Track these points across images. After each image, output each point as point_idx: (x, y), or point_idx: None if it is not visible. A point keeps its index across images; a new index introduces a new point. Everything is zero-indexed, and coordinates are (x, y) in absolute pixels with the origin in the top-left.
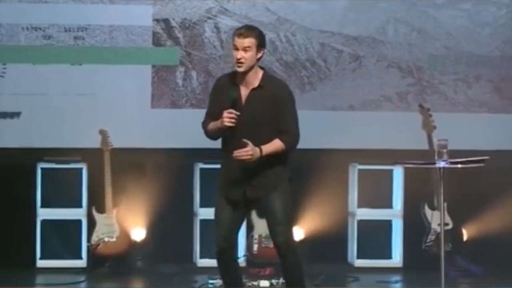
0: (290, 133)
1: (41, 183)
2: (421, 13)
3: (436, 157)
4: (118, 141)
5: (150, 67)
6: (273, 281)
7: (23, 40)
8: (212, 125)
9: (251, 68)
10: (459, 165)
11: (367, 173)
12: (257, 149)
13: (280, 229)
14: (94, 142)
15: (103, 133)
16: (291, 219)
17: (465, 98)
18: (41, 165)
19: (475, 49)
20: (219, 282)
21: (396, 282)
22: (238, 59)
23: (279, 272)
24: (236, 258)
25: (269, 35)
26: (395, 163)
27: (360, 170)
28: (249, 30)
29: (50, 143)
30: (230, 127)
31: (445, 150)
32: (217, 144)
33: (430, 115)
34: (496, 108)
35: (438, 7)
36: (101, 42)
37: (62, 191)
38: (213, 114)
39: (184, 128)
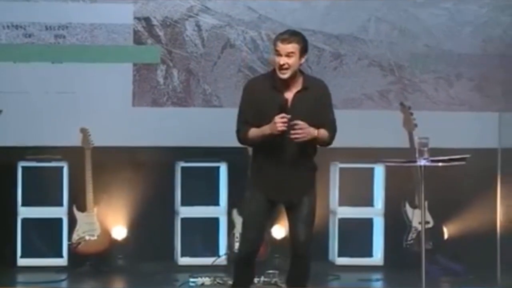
0: (332, 127)
1: (22, 181)
2: (402, 12)
3: (417, 155)
4: (99, 140)
5: (131, 65)
6: (255, 279)
7: (3, 38)
8: (255, 131)
9: (295, 73)
10: (440, 163)
11: (348, 172)
12: (311, 129)
13: (303, 230)
14: (75, 140)
15: (84, 131)
16: (314, 224)
17: (446, 96)
18: (21, 164)
19: (456, 48)
20: (200, 280)
21: (377, 280)
22: (282, 65)
23: (260, 270)
24: (255, 264)
25: (250, 34)
26: (376, 161)
27: (341, 169)
28: (292, 35)
29: (31, 141)
30: (282, 131)
31: (426, 149)
32: (198, 142)
33: (411, 114)
34: (477, 107)
35: (419, 5)
36: (82, 40)
37: (43, 189)
38: (250, 120)
39: (165, 127)
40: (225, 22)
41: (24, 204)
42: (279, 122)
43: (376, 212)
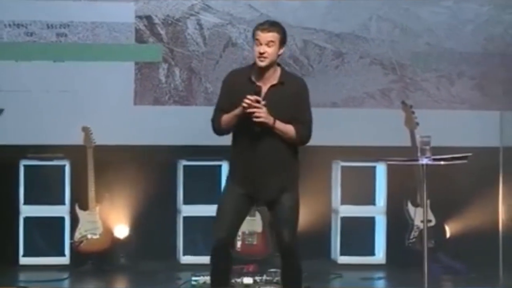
0: (304, 125)
1: (24, 180)
2: (404, 10)
3: (419, 154)
4: (101, 138)
5: (133, 64)
6: (257, 278)
7: (5, 37)
8: (226, 116)
9: (271, 64)
10: (442, 162)
11: (350, 170)
12: (270, 117)
13: (286, 231)
14: (77, 139)
15: (86, 130)
16: (297, 221)
17: (448, 95)
18: (23, 162)
19: (457, 46)
20: (202, 279)
21: (379, 278)
22: (261, 53)
23: (262, 268)
24: (230, 254)
25: (252, 32)
26: (378, 160)
27: (343, 167)
28: (272, 25)
29: (33, 140)
30: (249, 112)
31: (428, 147)
32: (200, 141)
33: (413, 112)
34: (478, 105)
35: (421, 4)
36: (83, 39)
37: (45, 188)
38: (225, 109)
39: (167, 125)
40: (226, 21)
41: (26, 202)
42: (247, 99)
43: (378, 210)
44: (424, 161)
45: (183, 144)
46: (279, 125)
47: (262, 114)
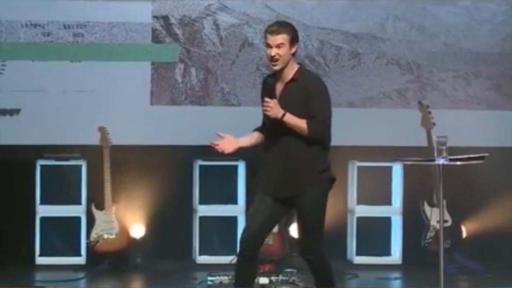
0: (317, 119)
1: (41, 180)
2: (421, 10)
3: (435, 154)
4: (117, 138)
5: (150, 64)
6: (273, 278)
7: (22, 37)
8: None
9: (286, 64)
10: (459, 162)
11: (367, 170)
12: (281, 110)
13: (305, 237)
14: (93, 139)
15: (102, 130)
16: (319, 222)
17: (465, 95)
18: (40, 162)
19: (474, 46)
20: (218, 279)
21: (396, 279)
22: (272, 57)
23: (278, 268)
24: (256, 256)
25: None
26: (394, 160)
27: (359, 167)
28: (281, 26)
29: (49, 140)
30: (267, 116)
31: (444, 147)
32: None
33: (430, 112)
34: (495, 105)
35: (438, 4)
36: (100, 39)
37: (61, 188)
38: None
39: (184, 125)
40: (243, 21)
41: (42, 202)
42: (264, 106)
43: (394, 210)
44: (440, 161)
45: (200, 144)
46: (289, 118)
47: (268, 109)
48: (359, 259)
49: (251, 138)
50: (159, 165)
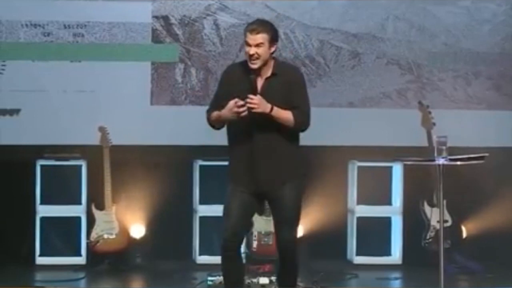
0: (301, 110)
1: (41, 180)
2: (421, 10)
3: (435, 154)
4: (117, 138)
5: (150, 64)
6: (273, 277)
7: (22, 37)
8: (214, 114)
9: (265, 62)
10: (459, 162)
11: (367, 170)
12: (268, 104)
13: (286, 228)
14: (93, 139)
15: (102, 130)
16: (299, 218)
17: (465, 95)
18: (40, 162)
19: (474, 46)
20: (218, 279)
21: (396, 279)
22: (251, 55)
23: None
24: (240, 254)
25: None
26: (394, 160)
27: (359, 167)
28: (261, 25)
29: (49, 140)
30: (241, 117)
31: (444, 147)
32: (216, 141)
33: (430, 112)
34: (495, 105)
35: (438, 4)
36: (100, 39)
37: (61, 188)
38: (220, 102)
39: (184, 125)
40: (243, 21)
41: (42, 202)
42: (235, 108)
43: (394, 210)
44: (440, 161)
45: (200, 144)
46: (277, 112)
47: (255, 105)
48: (359, 259)
49: None
50: (159, 165)
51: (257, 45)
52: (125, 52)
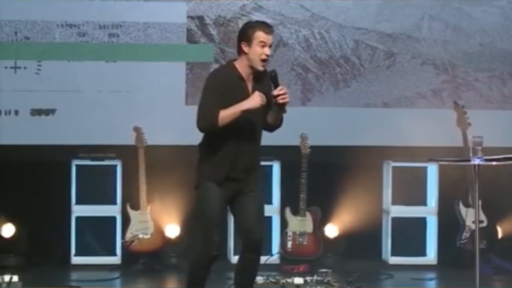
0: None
1: (76, 180)
2: (456, 10)
3: (471, 154)
4: (152, 138)
5: (185, 64)
6: (307, 278)
7: (58, 37)
8: (227, 110)
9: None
10: (494, 162)
11: (402, 170)
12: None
13: (258, 227)
14: (128, 139)
15: (137, 130)
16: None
17: (500, 95)
18: (75, 162)
19: (510, 46)
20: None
21: (431, 279)
22: (267, 56)
23: (313, 269)
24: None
25: (303, 32)
26: (429, 160)
27: (394, 167)
28: (271, 26)
29: (84, 140)
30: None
31: (480, 147)
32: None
33: (465, 112)
34: None
35: (473, 4)
36: (135, 39)
37: (96, 188)
38: (222, 107)
39: None
40: (278, 21)
41: (78, 202)
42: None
43: (429, 211)
44: (476, 161)
45: None
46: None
47: (287, 97)
48: (394, 260)
49: None
50: (194, 165)
51: (270, 46)
52: (160, 52)
